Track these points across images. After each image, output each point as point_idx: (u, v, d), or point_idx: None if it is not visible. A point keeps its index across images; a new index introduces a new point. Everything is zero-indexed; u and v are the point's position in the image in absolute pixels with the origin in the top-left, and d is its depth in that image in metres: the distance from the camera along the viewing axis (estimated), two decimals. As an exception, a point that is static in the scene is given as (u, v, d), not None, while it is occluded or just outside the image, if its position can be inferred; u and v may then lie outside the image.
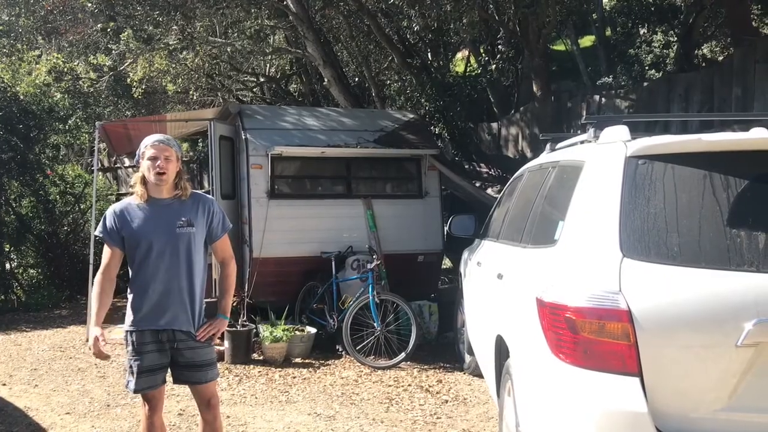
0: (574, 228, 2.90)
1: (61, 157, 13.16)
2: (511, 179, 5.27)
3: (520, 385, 3.14)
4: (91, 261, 8.25)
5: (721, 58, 12.47)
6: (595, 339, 2.56)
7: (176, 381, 3.50)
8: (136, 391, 3.40)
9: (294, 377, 6.18)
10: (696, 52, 12.43)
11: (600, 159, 2.98)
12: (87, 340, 3.28)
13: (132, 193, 3.45)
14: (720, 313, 2.50)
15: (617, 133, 3.03)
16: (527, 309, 3.02)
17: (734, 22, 9.79)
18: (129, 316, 3.39)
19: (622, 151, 2.83)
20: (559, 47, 16.33)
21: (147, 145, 3.36)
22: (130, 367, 3.38)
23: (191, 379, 3.44)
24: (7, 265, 11.09)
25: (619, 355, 2.53)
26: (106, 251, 3.40)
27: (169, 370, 3.47)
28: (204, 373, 3.42)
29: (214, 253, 3.56)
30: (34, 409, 5.35)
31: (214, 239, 3.49)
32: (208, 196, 3.59)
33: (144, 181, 3.36)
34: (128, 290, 3.42)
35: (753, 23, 10.93)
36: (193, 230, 3.36)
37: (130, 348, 3.38)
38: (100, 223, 3.43)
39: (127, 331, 3.40)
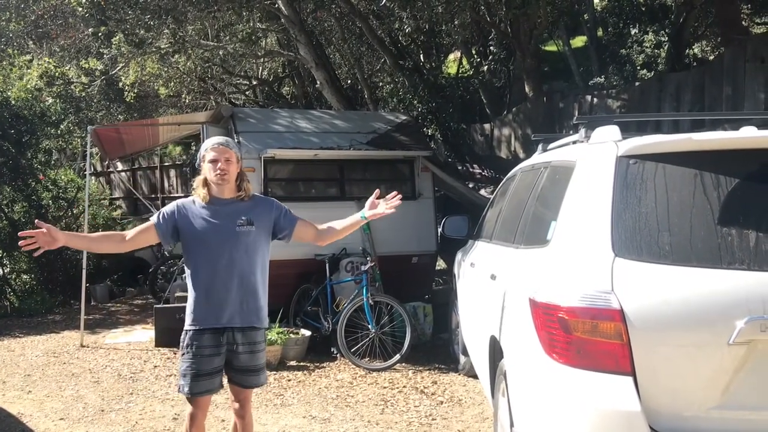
0: (566, 228, 2.90)
1: (53, 161, 13.13)
2: (504, 180, 5.29)
3: (514, 386, 3.14)
4: (84, 266, 8.24)
5: (711, 58, 12.53)
6: (588, 339, 2.57)
7: (230, 382, 3.53)
8: (193, 395, 3.38)
9: (289, 380, 6.17)
10: (687, 51, 12.48)
11: (591, 159, 2.98)
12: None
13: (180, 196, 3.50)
14: (712, 311, 2.51)
15: (608, 133, 3.04)
16: (520, 309, 3.03)
17: (724, 21, 9.83)
18: (189, 315, 3.41)
19: (613, 151, 2.84)
20: (551, 48, 16.38)
21: (207, 148, 3.41)
22: (186, 369, 3.36)
23: (244, 383, 3.47)
24: (0, 271, 11.04)
25: (612, 354, 2.54)
26: (146, 226, 3.45)
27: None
28: (257, 377, 3.48)
29: (304, 238, 3.65)
30: (27, 415, 5.33)
31: (290, 226, 3.55)
32: (268, 197, 3.67)
33: (206, 183, 3.43)
34: (187, 289, 3.47)
35: (743, 23, 10.98)
36: (253, 229, 3.42)
37: (186, 350, 3.38)
38: (159, 211, 3.48)
39: (185, 331, 3.41)
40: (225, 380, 3.53)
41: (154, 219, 3.46)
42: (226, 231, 3.37)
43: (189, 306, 3.43)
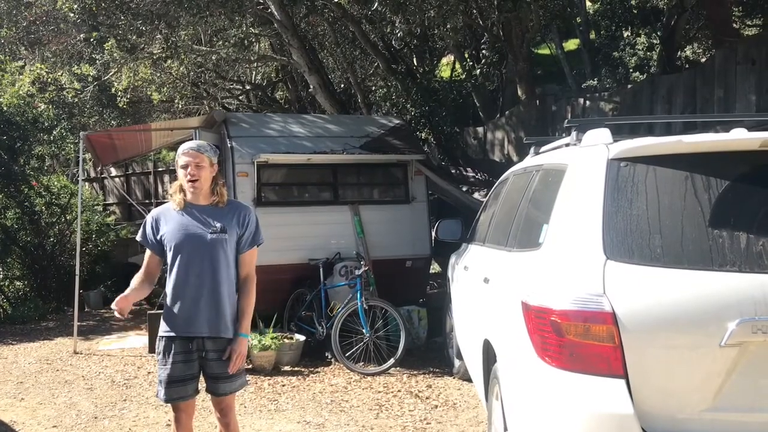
0: (558, 231, 2.91)
1: (46, 167, 13.10)
2: (497, 183, 5.29)
3: (508, 389, 3.14)
4: (77, 272, 8.20)
5: (703, 60, 12.58)
6: (580, 342, 2.57)
7: (208, 390, 3.52)
8: (166, 401, 3.42)
9: (283, 385, 6.16)
10: (678, 54, 12.52)
11: (582, 162, 2.99)
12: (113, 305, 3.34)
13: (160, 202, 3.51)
14: (703, 313, 2.51)
15: (599, 136, 3.05)
16: (513, 313, 3.03)
17: (715, 23, 9.87)
18: (162, 322, 3.43)
19: (604, 154, 2.84)
20: (544, 51, 16.44)
21: (179, 153, 3.39)
22: (160, 375, 3.40)
23: (218, 390, 3.45)
24: (-7, 278, 11.01)
25: (605, 357, 2.54)
26: (147, 255, 3.48)
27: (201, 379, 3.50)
28: (230, 383, 3.45)
29: (239, 265, 3.54)
30: (20, 423, 5.30)
31: (240, 251, 3.48)
32: (245, 204, 3.61)
33: (181, 188, 3.41)
34: (162, 296, 3.48)
35: (734, 25, 11.03)
36: (225, 236, 3.38)
37: (159, 356, 3.41)
38: (141, 229, 3.50)
39: (159, 337, 3.43)
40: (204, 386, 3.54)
41: (139, 238, 3.49)
42: (199, 238, 3.35)
43: (164, 312, 3.44)
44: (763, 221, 2.63)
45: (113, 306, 3.29)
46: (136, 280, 3.44)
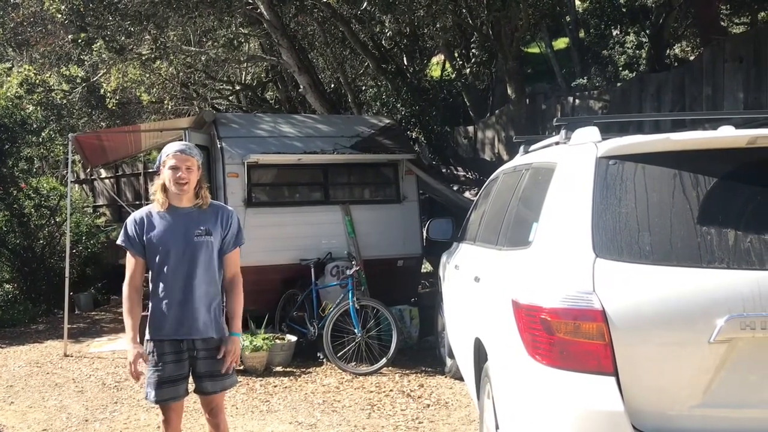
0: (548, 229, 2.92)
1: (35, 169, 13.01)
2: (487, 182, 5.30)
3: (499, 387, 3.15)
4: (67, 274, 8.16)
5: (692, 58, 12.64)
6: (570, 339, 2.58)
7: (196, 390, 3.50)
8: (157, 402, 3.40)
9: (275, 386, 6.14)
10: (667, 52, 12.58)
11: (571, 160, 3.00)
12: (129, 361, 3.34)
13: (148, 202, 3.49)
14: (692, 310, 2.52)
15: (588, 135, 3.06)
16: (503, 311, 3.03)
17: (703, 22, 9.93)
18: (149, 325, 3.41)
19: (592, 152, 2.85)
20: (534, 50, 16.48)
21: (168, 154, 3.36)
22: (150, 377, 3.38)
23: (208, 388, 3.44)
24: (-18, 281, 10.93)
25: (595, 354, 2.55)
26: (130, 260, 3.43)
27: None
28: (221, 381, 3.44)
29: (225, 266, 3.54)
30: (9, 427, 5.27)
31: (224, 252, 3.48)
32: (228, 207, 3.60)
33: (164, 189, 3.39)
34: (149, 299, 3.44)
35: (722, 23, 11.09)
36: (211, 239, 3.38)
37: (150, 358, 3.39)
38: (122, 232, 3.45)
39: (147, 340, 3.41)
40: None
41: (121, 242, 3.44)
42: (186, 241, 3.34)
43: (150, 315, 3.41)
44: (750, 218, 2.64)
45: (131, 371, 3.30)
46: (130, 302, 3.35)
